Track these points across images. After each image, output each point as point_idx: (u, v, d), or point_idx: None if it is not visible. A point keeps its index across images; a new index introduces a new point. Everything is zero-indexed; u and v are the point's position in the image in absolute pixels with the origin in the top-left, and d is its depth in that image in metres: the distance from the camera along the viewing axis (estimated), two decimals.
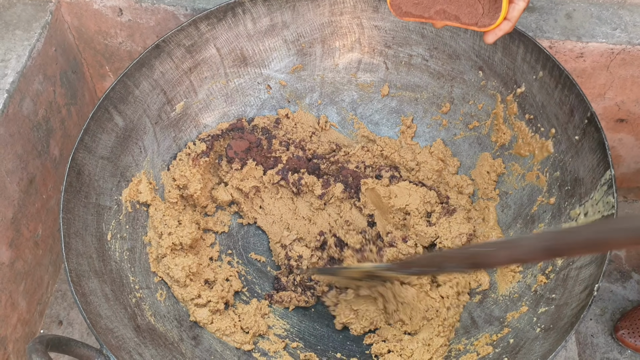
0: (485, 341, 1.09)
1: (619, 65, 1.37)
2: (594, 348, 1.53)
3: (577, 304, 0.97)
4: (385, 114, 1.40)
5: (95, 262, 1.09)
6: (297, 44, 1.35)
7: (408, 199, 1.24)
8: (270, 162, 1.34)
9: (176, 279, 1.18)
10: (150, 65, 1.23)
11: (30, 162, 1.36)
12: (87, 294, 1.03)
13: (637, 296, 1.58)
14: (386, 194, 1.25)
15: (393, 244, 1.23)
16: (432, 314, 1.17)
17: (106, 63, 1.58)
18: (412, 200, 1.24)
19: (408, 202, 1.24)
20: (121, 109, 1.20)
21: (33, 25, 1.38)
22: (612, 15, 1.38)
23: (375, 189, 1.27)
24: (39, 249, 1.44)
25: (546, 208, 1.17)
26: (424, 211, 1.25)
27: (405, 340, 1.15)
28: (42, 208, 1.43)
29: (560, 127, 1.15)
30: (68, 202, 1.08)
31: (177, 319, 1.16)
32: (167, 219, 1.21)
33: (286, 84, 1.39)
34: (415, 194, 1.25)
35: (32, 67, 1.34)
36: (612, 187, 1.02)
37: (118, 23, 1.48)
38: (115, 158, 1.20)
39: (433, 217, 1.25)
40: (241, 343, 1.17)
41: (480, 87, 1.29)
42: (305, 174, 1.32)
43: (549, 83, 1.16)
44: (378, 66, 1.37)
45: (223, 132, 1.33)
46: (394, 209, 1.25)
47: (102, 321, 1.01)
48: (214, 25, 1.28)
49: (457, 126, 1.34)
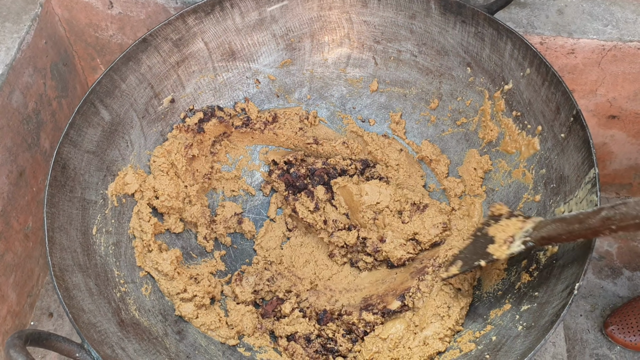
0: (469, 338, 1.09)
1: (610, 61, 1.36)
2: (583, 344, 1.53)
3: (559, 302, 0.96)
4: (374, 110, 1.40)
5: (79, 256, 1.09)
6: (286, 39, 1.35)
7: (379, 197, 1.24)
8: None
9: (164, 273, 1.18)
10: (138, 59, 1.23)
11: (20, 154, 1.36)
12: (71, 288, 1.03)
13: (627, 292, 1.58)
14: (357, 192, 1.25)
15: (377, 249, 1.24)
16: (444, 312, 1.14)
17: (97, 55, 1.58)
18: (383, 198, 1.24)
19: (379, 199, 1.24)
20: (107, 103, 1.20)
21: (23, 17, 1.38)
22: (604, 11, 1.37)
23: (347, 186, 1.27)
24: (29, 242, 1.44)
25: (531, 205, 1.16)
26: (394, 209, 1.25)
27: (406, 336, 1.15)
28: (32, 200, 1.44)
29: (546, 124, 1.15)
30: (52, 197, 1.09)
31: (162, 313, 1.16)
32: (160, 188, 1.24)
33: (275, 78, 1.38)
34: (385, 191, 1.25)
35: (22, 59, 1.34)
36: (595, 186, 1.01)
37: (109, 16, 1.48)
38: (102, 152, 1.20)
39: (404, 216, 1.25)
40: (226, 338, 1.17)
41: (469, 84, 1.28)
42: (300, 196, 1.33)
43: (536, 80, 1.15)
44: (367, 61, 1.37)
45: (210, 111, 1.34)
46: (364, 207, 1.25)
47: (85, 315, 1.02)
48: (202, 19, 1.27)
49: (445, 122, 1.34)
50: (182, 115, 1.32)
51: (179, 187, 1.27)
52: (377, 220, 1.25)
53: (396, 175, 1.33)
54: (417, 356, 1.10)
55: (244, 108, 1.37)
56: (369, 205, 1.25)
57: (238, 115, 1.36)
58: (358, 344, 1.17)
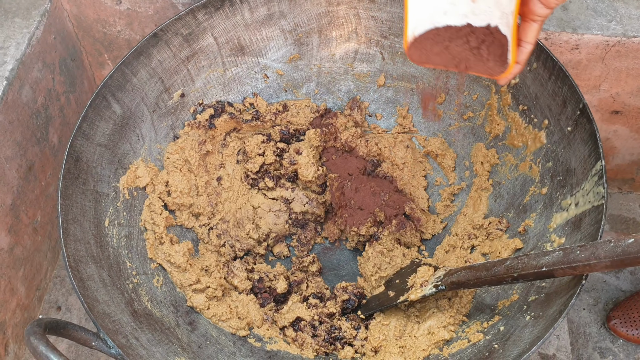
0: (477, 328, 1.11)
1: (614, 57, 1.38)
2: (586, 337, 1.55)
3: (566, 292, 0.98)
4: (381, 104, 1.41)
5: (92, 248, 1.11)
6: (294, 34, 1.36)
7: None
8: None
9: (177, 265, 1.20)
10: (148, 53, 1.24)
11: (29, 149, 1.37)
12: (85, 279, 1.05)
13: (629, 286, 1.60)
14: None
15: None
16: (445, 304, 1.17)
17: (105, 51, 1.59)
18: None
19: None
20: (119, 97, 1.21)
21: (32, 13, 1.39)
22: (608, 7, 1.39)
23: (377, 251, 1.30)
24: (38, 235, 1.45)
25: (538, 198, 1.18)
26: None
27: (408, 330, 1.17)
28: (41, 195, 1.45)
29: (553, 118, 1.16)
30: (66, 189, 1.10)
31: (173, 304, 1.17)
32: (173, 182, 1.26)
33: (283, 73, 1.40)
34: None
35: (32, 54, 1.35)
36: (602, 178, 1.03)
37: (117, 11, 1.49)
38: (113, 145, 1.21)
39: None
40: (236, 329, 1.18)
41: (475, 78, 1.30)
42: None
43: (543, 74, 1.17)
44: (374, 56, 1.38)
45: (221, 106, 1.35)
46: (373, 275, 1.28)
47: (100, 306, 1.03)
48: (212, 14, 1.28)
49: (452, 117, 1.35)
50: (192, 109, 1.33)
51: (191, 182, 1.28)
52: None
53: (400, 175, 1.35)
54: (425, 345, 1.11)
55: (253, 103, 1.38)
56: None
57: (247, 110, 1.37)
58: (362, 331, 1.19)
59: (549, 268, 0.92)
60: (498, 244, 1.20)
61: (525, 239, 1.17)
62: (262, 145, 1.34)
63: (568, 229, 1.08)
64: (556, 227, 1.11)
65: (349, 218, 1.29)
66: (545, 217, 1.15)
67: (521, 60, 0.85)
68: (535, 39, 0.85)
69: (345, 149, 1.38)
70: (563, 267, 0.90)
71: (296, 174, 1.34)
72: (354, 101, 1.40)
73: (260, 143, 1.34)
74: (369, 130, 1.42)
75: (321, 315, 1.21)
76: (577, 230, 1.06)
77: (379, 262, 1.25)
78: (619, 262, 0.85)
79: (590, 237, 1.01)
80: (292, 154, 1.33)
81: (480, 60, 0.83)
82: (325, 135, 1.36)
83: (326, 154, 1.37)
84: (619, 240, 0.85)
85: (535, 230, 1.16)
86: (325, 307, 1.22)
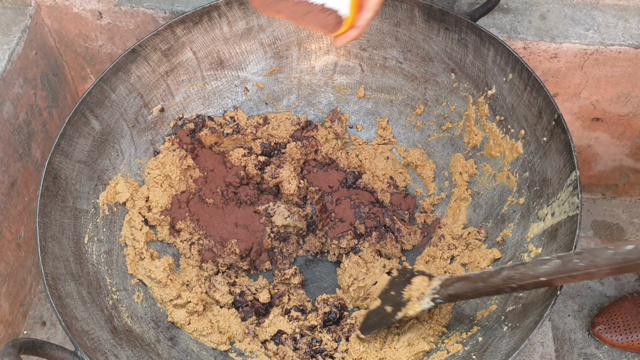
0: (456, 339, 1.11)
1: (593, 65, 1.39)
2: (571, 344, 1.55)
3: (542, 303, 0.99)
4: (361, 116, 1.42)
5: (72, 265, 1.11)
6: (273, 47, 1.37)
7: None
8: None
9: (157, 280, 1.20)
10: (127, 69, 1.25)
11: (12, 165, 1.38)
12: (64, 296, 1.05)
13: (614, 292, 1.61)
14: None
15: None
16: (424, 315, 1.16)
17: (87, 65, 1.60)
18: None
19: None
20: (98, 113, 1.22)
21: (13, 29, 1.40)
22: (586, 16, 1.40)
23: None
24: (22, 251, 1.45)
25: (516, 208, 1.19)
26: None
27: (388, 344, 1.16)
28: (24, 210, 1.45)
29: (529, 128, 1.17)
30: (44, 207, 1.10)
31: (154, 320, 1.17)
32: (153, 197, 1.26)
33: (263, 86, 1.40)
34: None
35: (12, 70, 1.36)
36: (577, 188, 1.04)
37: (98, 26, 1.49)
38: (92, 162, 1.21)
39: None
40: (218, 343, 1.18)
41: (453, 89, 1.30)
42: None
43: (518, 85, 1.18)
44: (354, 69, 1.39)
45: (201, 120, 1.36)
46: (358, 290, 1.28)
47: (78, 323, 1.03)
48: (190, 29, 1.29)
49: (431, 127, 1.36)
50: (172, 124, 1.34)
51: (172, 197, 1.29)
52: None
53: (381, 187, 1.35)
54: (405, 356, 1.11)
55: (233, 116, 1.38)
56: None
57: (228, 124, 1.38)
58: (343, 344, 1.19)
59: (548, 278, 0.91)
60: (477, 254, 1.20)
61: (504, 249, 1.18)
62: (243, 159, 1.35)
63: (545, 239, 1.09)
64: (533, 237, 1.12)
65: (330, 231, 1.29)
66: (522, 227, 1.15)
67: (359, 25, 0.89)
68: (376, 6, 0.88)
69: (326, 161, 1.38)
70: (562, 277, 0.89)
71: (278, 188, 1.35)
72: (335, 113, 1.40)
73: (242, 157, 1.35)
74: (350, 141, 1.42)
75: (302, 328, 1.21)
76: (553, 241, 1.07)
77: (355, 272, 1.25)
78: (619, 269, 0.84)
79: (566, 247, 1.02)
80: (274, 167, 1.33)
81: (318, 15, 0.88)
82: (306, 149, 1.36)
83: (307, 167, 1.38)
84: (618, 247, 0.84)
85: (513, 240, 1.16)
86: (307, 319, 1.22)
